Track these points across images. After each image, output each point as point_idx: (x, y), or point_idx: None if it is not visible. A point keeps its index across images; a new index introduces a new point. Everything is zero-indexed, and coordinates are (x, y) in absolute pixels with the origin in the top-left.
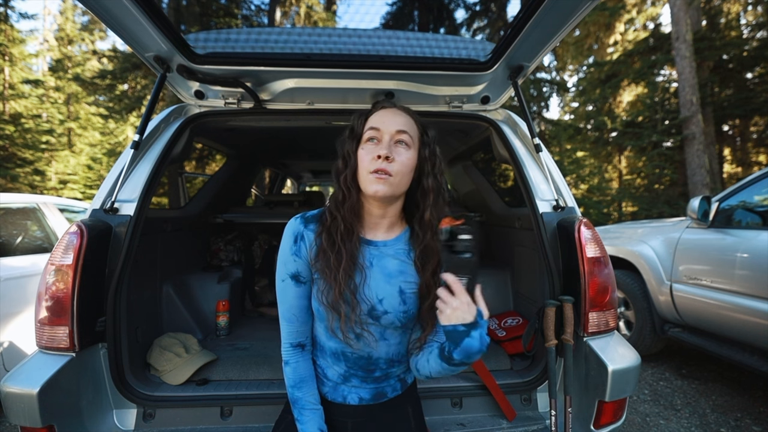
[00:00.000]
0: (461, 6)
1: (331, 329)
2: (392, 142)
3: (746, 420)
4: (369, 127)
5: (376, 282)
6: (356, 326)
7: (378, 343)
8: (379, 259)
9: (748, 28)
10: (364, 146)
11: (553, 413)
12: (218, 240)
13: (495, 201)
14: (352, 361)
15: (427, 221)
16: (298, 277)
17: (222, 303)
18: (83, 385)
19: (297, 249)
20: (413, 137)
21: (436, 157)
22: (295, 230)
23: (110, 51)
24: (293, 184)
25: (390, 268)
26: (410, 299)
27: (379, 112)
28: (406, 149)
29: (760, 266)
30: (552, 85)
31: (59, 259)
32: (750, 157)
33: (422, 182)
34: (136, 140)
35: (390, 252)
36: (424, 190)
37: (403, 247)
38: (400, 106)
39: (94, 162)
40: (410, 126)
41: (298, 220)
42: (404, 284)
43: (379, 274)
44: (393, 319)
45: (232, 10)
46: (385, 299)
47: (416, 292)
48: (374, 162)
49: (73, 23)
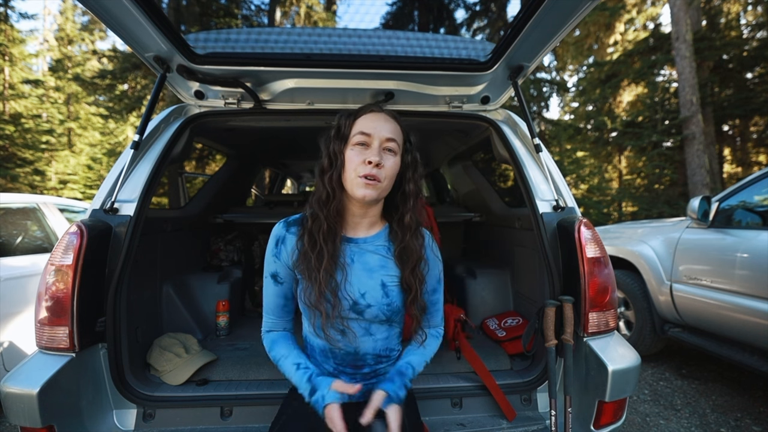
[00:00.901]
0: (461, 6)
1: (314, 327)
2: (381, 149)
3: (746, 420)
4: (359, 131)
5: (357, 277)
6: (338, 323)
7: (363, 338)
8: (359, 255)
9: (748, 28)
10: (353, 148)
11: (553, 413)
12: (218, 240)
13: (495, 201)
14: (340, 358)
15: (406, 224)
16: (276, 277)
17: (222, 303)
18: (83, 385)
19: (277, 252)
20: (399, 144)
21: (417, 163)
22: (277, 234)
23: (110, 51)
24: (293, 184)
25: (371, 263)
26: (393, 292)
27: (368, 116)
28: (393, 156)
29: (760, 266)
30: (552, 85)
31: (59, 259)
32: (750, 157)
33: (404, 187)
34: (136, 140)
35: (370, 248)
36: (405, 194)
37: (383, 243)
38: (387, 112)
39: (94, 162)
40: (398, 133)
41: (281, 224)
42: (386, 277)
43: (360, 269)
44: (377, 312)
45: (232, 10)
46: (367, 293)
47: (398, 285)
48: (364, 166)
49: (73, 23)
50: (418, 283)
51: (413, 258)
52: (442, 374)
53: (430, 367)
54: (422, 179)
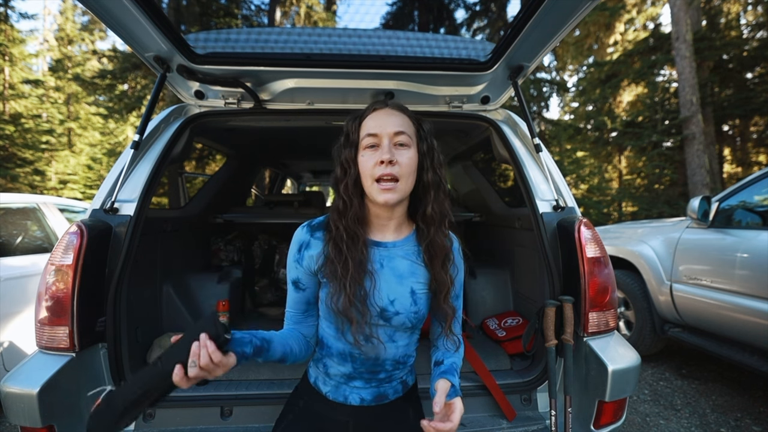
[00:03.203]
0: (461, 6)
1: (341, 333)
2: (392, 145)
3: (746, 420)
4: (366, 134)
5: (387, 283)
6: (366, 330)
7: (386, 345)
8: (389, 260)
9: (748, 28)
10: (363, 153)
11: (553, 413)
12: (218, 240)
13: (495, 201)
14: (360, 362)
15: (429, 216)
16: (297, 284)
17: (222, 303)
18: (83, 385)
19: (300, 257)
20: (411, 135)
21: (434, 151)
22: (300, 239)
23: (110, 51)
24: (293, 184)
25: (401, 269)
26: (421, 300)
27: (372, 115)
28: (407, 149)
29: (760, 266)
30: (552, 85)
31: (59, 259)
32: (750, 157)
33: (422, 177)
34: (136, 140)
35: (400, 253)
36: (425, 185)
37: (412, 248)
38: (392, 104)
39: (94, 162)
40: (406, 124)
41: (305, 228)
42: (415, 285)
43: (390, 275)
44: (404, 320)
45: (232, 10)
46: (396, 300)
47: (427, 292)
48: (378, 168)
49: (73, 23)
50: (450, 280)
51: (440, 253)
52: None
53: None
54: (443, 167)
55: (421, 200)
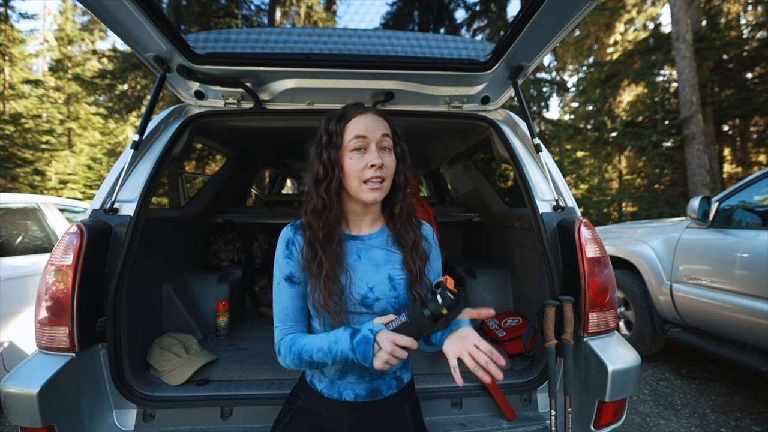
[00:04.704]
0: (461, 6)
1: (326, 327)
2: (378, 148)
3: (746, 420)
4: (354, 136)
5: (365, 272)
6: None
7: None
8: (366, 251)
9: (748, 28)
10: (351, 155)
11: (553, 413)
12: (218, 240)
13: (495, 201)
14: None
15: (397, 214)
16: (291, 278)
17: (222, 303)
18: (83, 385)
19: (289, 252)
20: (391, 139)
21: (406, 155)
22: (286, 237)
23: (110, 51)
24: (293, 184)
25: (377, 258)
26: (399, 285)
27: (359, 119)
28: (389, 153)
29: (760, 266)
30: (552, 85)
31: (59, 259)
32: (750, 157)
33: (396, 179)
34: (136, 140)
35: (376, 243)
36: (396, 186)
37: (386, 239)
38: (373, 110)
39: (94, 162)
40: (389, 129)
41: (289, 228)
42: (392, 271)
43: (367, 264)
44: (385, 305)
45: (232, 10)
46: (375, 287)
47: (404, 278)
48: (367, 170)
49: (73, 23)
50: (419, 260)
51: (409, 241)
52: (442, 374)
53: (430, 367)
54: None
55: (391, 198)
